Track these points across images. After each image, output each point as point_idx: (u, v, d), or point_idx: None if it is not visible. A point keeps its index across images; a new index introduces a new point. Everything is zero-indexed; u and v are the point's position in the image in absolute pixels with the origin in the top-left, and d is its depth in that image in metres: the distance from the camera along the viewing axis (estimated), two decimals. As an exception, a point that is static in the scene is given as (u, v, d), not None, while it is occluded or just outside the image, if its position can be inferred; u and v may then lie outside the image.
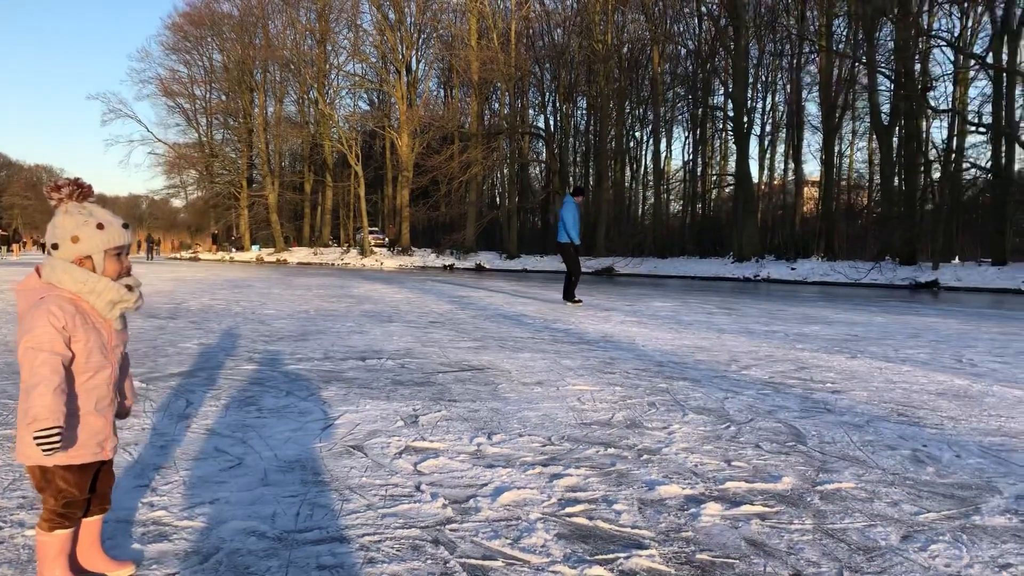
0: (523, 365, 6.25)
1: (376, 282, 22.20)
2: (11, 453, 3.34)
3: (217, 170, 64.29)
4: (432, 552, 2.35)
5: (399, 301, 13.91)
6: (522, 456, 3.47)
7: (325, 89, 54.17)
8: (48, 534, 1.99)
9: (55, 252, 1.96)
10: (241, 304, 12.32)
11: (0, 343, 6.88)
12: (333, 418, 4.19)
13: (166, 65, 63.54)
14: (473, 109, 48.64)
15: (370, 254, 47.47)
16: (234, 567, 2.21)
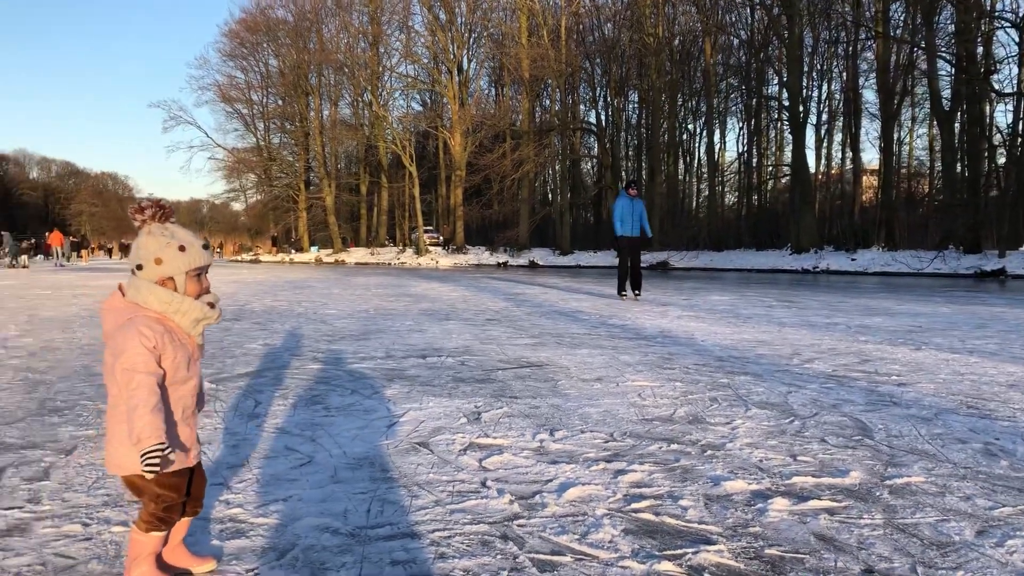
0: (581, 361, 6.27)
1: (432, 281, 22.39)
2: (94, 453, 3.48)
3: (275, 173, 65.43)
4: (501, 547, 2.39)
5: (455, 299, 14.01)
6: (585, 452, 3.49)
7: (379, 91, 54.76)
8: (144, 534, 2.07)
9: (139, 272, 2.03)
10: (303, 305, 12.55)
11: (76, 346, 7.13)
12: (398, 415, 4.26)
13: (224, 71, 64.97)
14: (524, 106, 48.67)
15: (425, 253, 47.86)
16: (310, 563, 2.28)
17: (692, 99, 50.20)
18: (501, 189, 48.53)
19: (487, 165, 45.77)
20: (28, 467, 3.24)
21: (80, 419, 4.16)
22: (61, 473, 3.16)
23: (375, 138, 55.65)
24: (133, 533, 2.09)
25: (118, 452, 1.99)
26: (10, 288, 17.67)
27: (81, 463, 3.31)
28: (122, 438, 1.97)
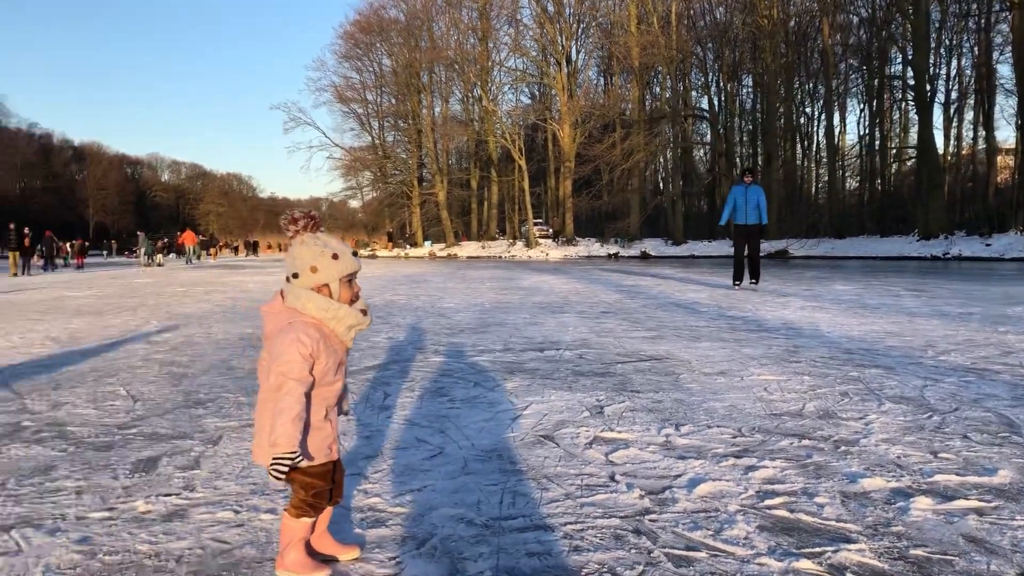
0: (703, 355, 6.19)
1: (543, 273, 22.48)
2: (239, 444, 3.67)
3: (390, 171, 67.03)
4: (635, 542, 2.40)
5: (568, 292, 14.04)
6: (713, 447, 3.46)
7: (488, 86, 55.29)
8: (295, 520, 2.19)
9: (295, 280, 2.15)
10: (420, 299, 12.83)
11: (213, 341, 7.51)
12: (521, 408, 4.32)
13: (340, 73, 66.93)
14: (634, 95, 48.22)
15: (535, 246, 48.06)
16: (448, 552, 2.35)
17: (809, 81, 48.59)
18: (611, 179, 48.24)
19: (596, 156, 45.59)
20: (180, 456, 3.45)
21: (223, 411, 4.39)
22: (210, 462, 3.35)
23: (485, 133, 56.24)
24: (284, 519, 2.21)
25: (264, 445, 2.11)
26: (148, 286, 18.75)
27: (228, 453, 3.50)
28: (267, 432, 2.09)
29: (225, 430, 3.93)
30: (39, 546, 2.44)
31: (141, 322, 9.46)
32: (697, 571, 2.18)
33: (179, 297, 14.19)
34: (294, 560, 2.19)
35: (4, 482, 3.09)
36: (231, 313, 10.61)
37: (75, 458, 3.44)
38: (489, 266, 30.94)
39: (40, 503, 2.84)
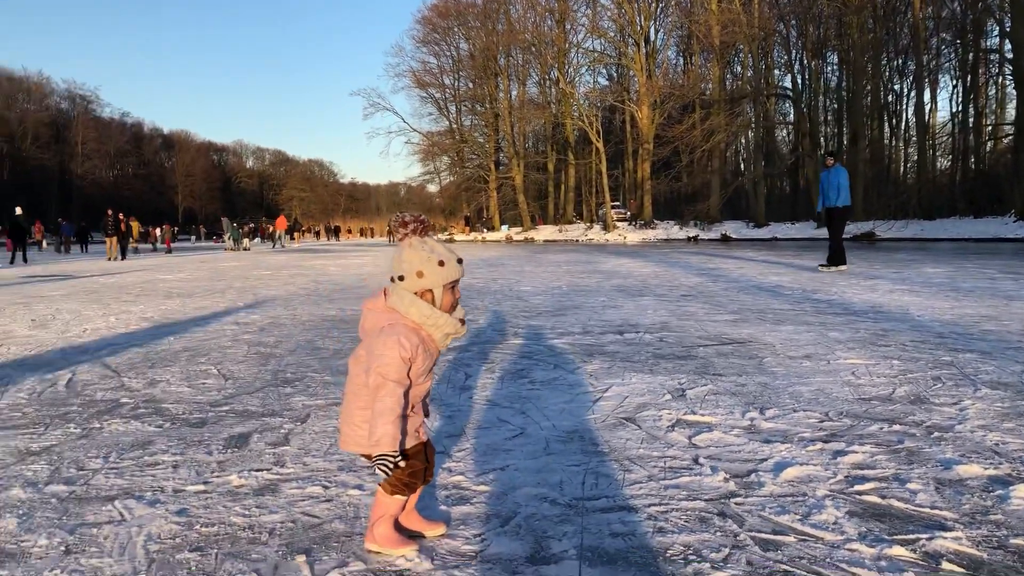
0: (787, 338, 6.06)
1: (621, 256, 22.32)
2: (325, 422, 3.76)
3: (467, 155, 67.40)
4: (720, 525, 2.37)
5: (647, 275, 13.91)
6: (799, 432, 3.39)
7: (565, 68, 54.98)
8: (389, 496, 2.24)
9: (400, 283, 2.19)
10: (498, 282, 12.89)
11: (298, 323, 7.69)
12: (601, 390, 4.31)
13: (417, 58, 67.53)
14: (715, 75, 47.29)
15: (613, 229, 47.72)
16: (532, 531, 2.36)
17: (898, 57, 46.81)
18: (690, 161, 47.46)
19: (676, 137, 44.87)
20: (270, 433, 3.56)
21: (310, 390, 4.50)
22: (299, 439, 3.44)
23: (562, 115, 55.99)
24: (379, 495, 2.25)
25: (356, 433, 2.18)
26: (235, 269, 19.31)
27: (316, 430, 3.58)
28: (359, 422, 2.17)
29: (312, 408, 4.03)
30: (140, 516, 2.54)
31: (229, 304, 9.76)
32: (785, 555, 2.15)
33: (265, 280, 14.58)
34: (383, 535, 2.24)
35: (106, 455, 3.24)
36: (315, 296, 10.84)
37: (171, 434, 3.57)
38: (566, 250, 30.88)
39: (140, 476, 2.96)
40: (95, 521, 2.51)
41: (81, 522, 2.51)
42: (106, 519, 2.53)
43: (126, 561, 2.20)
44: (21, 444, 3.43)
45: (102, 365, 5.43)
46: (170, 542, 2.33)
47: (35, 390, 4.60)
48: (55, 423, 3.80)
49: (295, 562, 2.17)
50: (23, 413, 4.03)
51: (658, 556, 2.16)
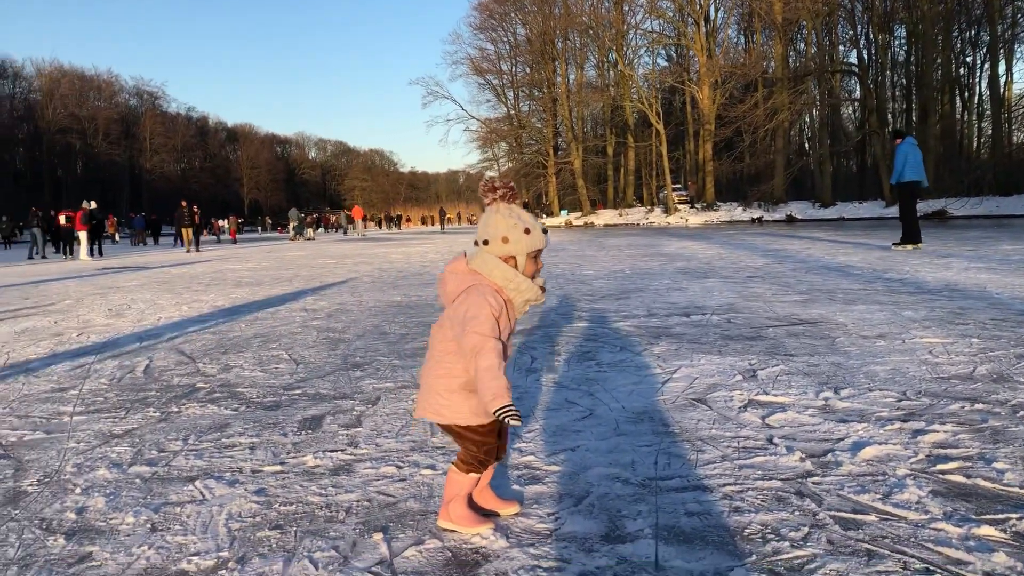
0: (859, 318, 5.91)
1: (684, 239, 22.07)
2: (396, 404, 3.80)
3: (525, 140, 67.28)
4: (798, 504, 2.33)
5: (711, 257, 13.73)
6: (876, 411, 3.30)
7: (624, 50, 54.37)
8: (463, 475, 2.25)
9: (485, 247, 2.19)
10: (560, 266, 12.86)
11: (364, 308, 7.79)
12: (670, 372, 4.27)
13: (475, 44, 67.52)
14: (777, 52, 46.26)
15: (674, 212, 47.18)
16: (606, 510, 2.35)
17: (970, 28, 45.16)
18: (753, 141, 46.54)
19: (738, 117, 44.08)
20: (343, 415, 3.61)
21: (379, 373, 4.56)
22: (371, 421, 3.48)
23: (621, 98, 55.44)
24: (452, 473, 2.27)
25: (437, 402, 2.19)
26: (300, 258, 19.65)
27: (386, 412, 3.63)
28: (441, 390, 2.18)
29: (382, 391, 4.08)
30: (220, 496, 2.61)
31: (297, 292, 9.93)
32: (867, 534, 2.10)
33: (330, 268, 14.80)
34: (458, 513, 2.25)
35: (186, 438, 3.33)
36: (379, 283, 10.97)
37: (246, 417, 3.65)
38: (627, 233, 30.66)
39: (219, 457, 3.04)
40: (178, 500, 2.58)
41: (165, 501, 2.58)
42: (188, 498, 2.60)
43: (209, 539, 2.26)
44: (105, 427, 3.55)
45: (177, 352, 5.58)
46: (250, 520, 2.39)
47: (115, 376, 4.75)
48: (135, 407, 3.92)
49: (372, 540, 2.20)
50: (105, 398, 4.16)
51: (735, 535, 2.13)
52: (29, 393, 4.35)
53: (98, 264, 20.53)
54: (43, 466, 3.00)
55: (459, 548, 2.13)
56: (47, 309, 8.86)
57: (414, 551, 2.12)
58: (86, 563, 2.12)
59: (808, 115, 52.08)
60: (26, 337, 6.58)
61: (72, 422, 3.67)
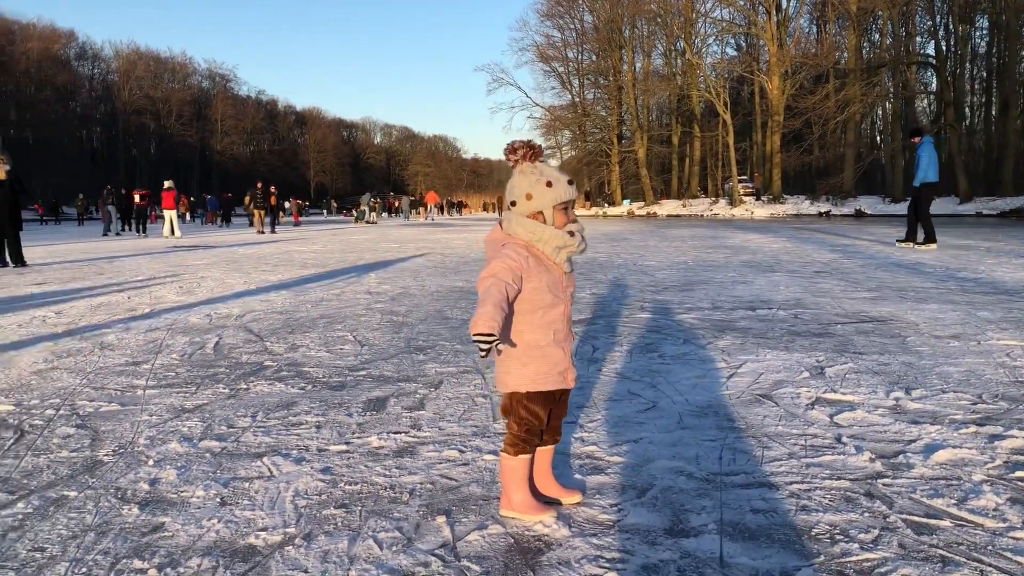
0: (931, 317, 5.75)
1: (748, 232, 21.73)
2: (459, 388, 3.83)
3: (589, 129, 66.91)
4: (867, 505, 2.28)
5: (777, 250, 13.49)
6: (950, 414, 3.21)
7: (692, 38, 53.62)
8: (512, 457, 2.26)
9: (513, 208, 2.22)
10: (621, 256, 12.78)
11: (427, 293, 7.85)
12: (735, 366, 4.21)
13: (541, 31, 67.42)
14: (851, 42, 45.17)
15: (739, 203, 46.47)
16: (669, 503, 2.33)
17: (1058, 18, 43.30)
18: (823, 133, 45.63)
19: (807, 108, 43.20)
20: (406, 398, 3.65)
21: (441, 357, 4.59)
22: (434, 404, 3.51)
23: (688, 87, 54.73)
24: (503, 459, 2.28)
25: (500, 372, 2.24)
26: (365, 242, 19.89)
27: (449, 396, 3.66)
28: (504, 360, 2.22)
29: (445, 375, 4.11)
30: (287, 472, 2.66)
31: (361, 274, 10.06)
32: (941, 540, 2.04)
33: (393, 252, 14.95)
34: (519, 501, 2.25)
35: (254, 414, 3.40)
36: (441, 268, 11.04)
37: (312, 396, 3.72)
38: (690, 224, 30.30)
39: (286, 435, 3.10)
40: (246, 476, 2.64)
41: (234, 476, 2.64)
42: (256, 474, 2.66)
43: (276, 514, 2.30)
44: (176, 402, 3.65)
45: (245, 330, 5.70)
46: (316, 498, 2.43)
47: (186, 352, 4.88)
48: (205, 383, 4.02)
49: (435, 522, 2.22)
50: (176, 373, 4.28)
51: (803, 534, 2.09)
52: (104, 366, 4.49)
53: (170, 242, 21.08)
54: (118, 437, 3.10)
55: (521, 535, 2.14)
56: (121, 285, 9.13)
57: (477, 535, 2.13)
58: (158, 533, 2.18)
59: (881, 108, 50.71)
60: (102, 311, 6.79)
61: (145, 395, 3.78)
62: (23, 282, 9.63)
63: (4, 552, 2.07)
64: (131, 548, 2.08)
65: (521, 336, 2.18)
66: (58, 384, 4.04)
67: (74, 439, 3.07)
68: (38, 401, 3.69)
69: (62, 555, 2.04)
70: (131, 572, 1.94)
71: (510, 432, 2.26)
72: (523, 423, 2.23)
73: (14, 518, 2.30)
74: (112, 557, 2.03)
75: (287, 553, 2.04)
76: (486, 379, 4.01)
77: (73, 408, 3.55)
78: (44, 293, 8.34)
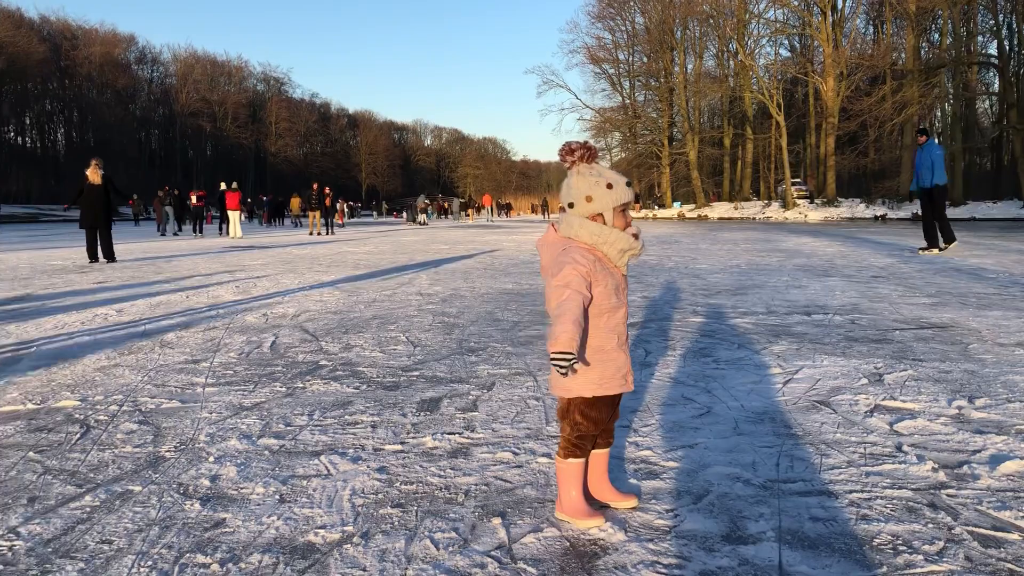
0: (994, 324, 5.60)
1: (802, 235, 21.40)
2: (511, 391, 3.84)
3: (640, 131, 66.50)
4: (931, 516, 2.23)
5: (832, 255, 13.26)
6: (1016, 424, 3.12)
7: (745, 40, 52.99)
8: (564, 461, 2.26)
9: (571, 210, 2.20)
10: (673, 259, 12.68)
11: (478, 294, 7.88)
12: (791, 372, 4.15)
13: (592, 33, 67.16)
14: (909, 43, 44.18)
15: (792, 207, 45.76)
16: (726, 510, 2.31)
17: None
18: (879, 135, 44.69)
19: (863, 110, 42.38)
20: (459, 399, 3.67)
21: (493, 359, 4.61)
22: (486, 406, 3.53)
23: (740, 89, 54.09)
24: (557, 463, 2.28)
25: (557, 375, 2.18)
26: (415, 243, 20.04)
27: (502, 398, 3.67)
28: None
29: (497, 377, 4.12)
30: (344, 471, 2.69)
31: (412, 276, 10.14)
32: (1010, 554, 1.99)
33: (443, 253, 15.04)
34: (572, 506, 2.25)
35: (311, 413, 3.45)
36: (491, 269, 11.08)
37: (367, 396, 3.76)
38: (742, 227, 29.94)
39: (342, 434, 3.13)
40: (304, 474, 2.68)
41: (292, 474, 2.68)
42: (314, 472, 2.70)
43: (334, 512, 2.33)
44: (235, 400, 3.71)
45: (301, 329, 5.78)
46: (373, 497, 2.45)
47: (243, 351, 4.97)
48: (263, 381, 4.09)
49: (491, 524, 2.23)
50: (234, 372, 4.36)
51: (864, 544, 2.06)
52: (165, 364, 4.60)
53: (225, 243, 21.48)
54: (179, 434, 3.17)
55: (577, 539, 2.14)
56: (179, 284, 9.33)
57: (532, 538, 2.14)
58: (220, 528, 2.23)
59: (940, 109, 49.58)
60: (161, 310, 6.95)
61: (204, 393, 3.86)
62: (85, 280, 9.90)
63: (74, 543, 2.13)
64: (194, 543, 2.13)
65: (587, 340, 2.17)
66: (121, 381, 4.15)
67: (137, 435, 3.15)
68: (102, 397, 3.79)
69: (128, 548, 2.10)
70: (195, 567, 1.99)
71: (563, 436, 2.26)
72: (577, 428, 2.23)
73: (82, 511, 2.36)
74: (176, 551, 2.08)
75: (345, 551, 2.07)
76: (538, 381, 4.01)
77: (136, 404, 3.64)
78: (106, 292, 8.56)
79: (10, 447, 3.01)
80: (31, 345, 5.26)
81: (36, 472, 2.72)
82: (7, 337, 5.59)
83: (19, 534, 2.20)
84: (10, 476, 2.69)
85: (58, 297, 8.07)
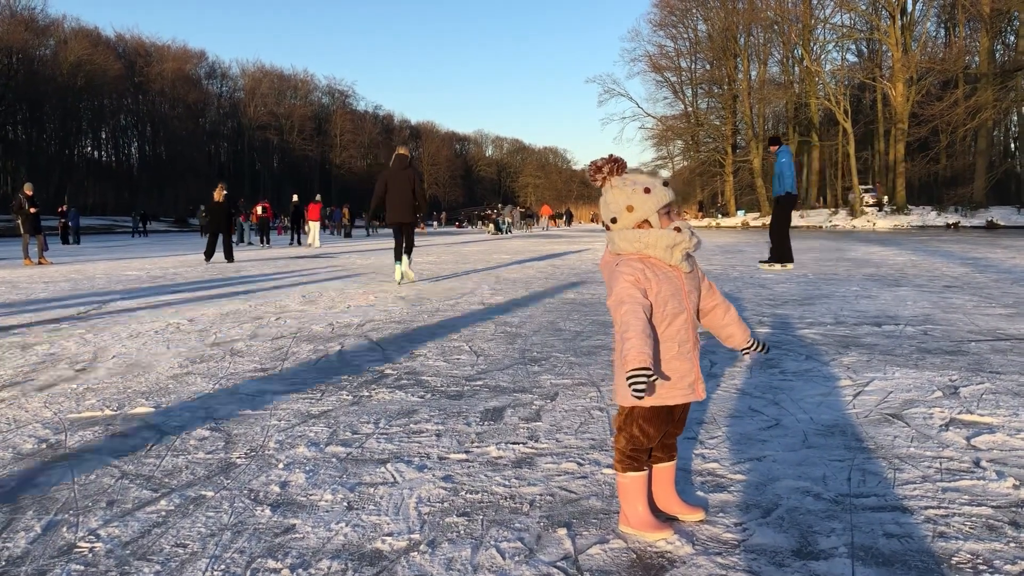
0: (1077, 336, 5.40)
1: (871, 244, 20.92)
2: (574, 401, 3.83)
3: (702, 139, 65.91)
4: (1013, 535, 2.15)
5: (902, 264, 12.93)
6: (1102, 440, 3.00)
7: (810, 45, 52.12)
8: (624, 475, 2.24)
9: (614, 225, 2.18)
10: (737, 269, 12.51)
11: (540, 304, 7.89)
12: (861, 384, 4.06)
13: (654, 41, 66.77)
14: (983, 46, 42.94)
15: (860, 215, 44.76)
16: (796, 524, 2.26)
17: None
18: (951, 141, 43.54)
19: (934, 115, 41.30)
20: (522, 408, 3.67)
21: (556, 369, 4.60)
22: (550, 416, 3.53)
23: (806, 95, 53.16)
24: (618, 476, 2.27)
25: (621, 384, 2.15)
26: (476, 253, 20.17)
27: (565, 408, 3.66)
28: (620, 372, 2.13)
29: (560, 387, 4.12)
30: (410, 479, 2.72)
31: (474, 285, 10.20)
32: (1098, 576, 1.91)
33: (505, 263, 15.09)
34: (638, 518, 2.22)
35: (376, 421, 3.49)
36: (552, 279, 11.08)
37: (432, 404, 3.79)
38: (809, 236, 29.36)
39: (407, 442, 3.16)
40: (371, 481, 2.71)
41: (359, 481, 2.72)
42: (380, 480, 2.73)
43: (401, 520, 2.36)
44: (303, 407, 3.78)
45: (366, 339, 5.86)
46: (439, 506, 2.47)
47: (310, 359, 5.06)
48: (330, 390, 4.15)
49: (556, 534, 2.22)
50: (303, 379, 4.44)
51: (942, 562, 2.00)
52: (235, 371, 4.70)
53: (293, 252, 21.90)
54: (249, 440, 3.23)
55: (644, 551, 2.12)
56: (247, 294, 9.54)
57: (598, 549, 2.13)
58: (290, 534, 2.27)
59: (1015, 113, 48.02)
60: (230, 319, 7.11)
61: (273, 400, 3.93)
62: (159, 292, 10.19)
63: (151, 546, 2.20)
64: (265, 548, 2.17)
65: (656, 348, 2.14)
66: (193, 388, 4.26)
67: (209, 441, 3.23)
68: (175, 404, 3.89)
69: (202, 552, 2.15)
70: (266, 571, 2.03)
71: (617, 449, 2.24)
72: (631, 440, 2.20)
73: (158, 515, 2.43)
74: (248, 556, 2.12)
75: (412, 559, 2.09)
76: (601, 392, 3.99)
77: (208, 412, 3.73)
78: (177, 301, 8.80)
79: (90, 452, 3.12)
80: (108, 353, 5.44)
81: (114, 476, 2.81)
82: (85, 345, 5.78)
83: (99, 536, 2.27)
84: (90, 480, 2.78)
85: (133, 307, 8.32)
